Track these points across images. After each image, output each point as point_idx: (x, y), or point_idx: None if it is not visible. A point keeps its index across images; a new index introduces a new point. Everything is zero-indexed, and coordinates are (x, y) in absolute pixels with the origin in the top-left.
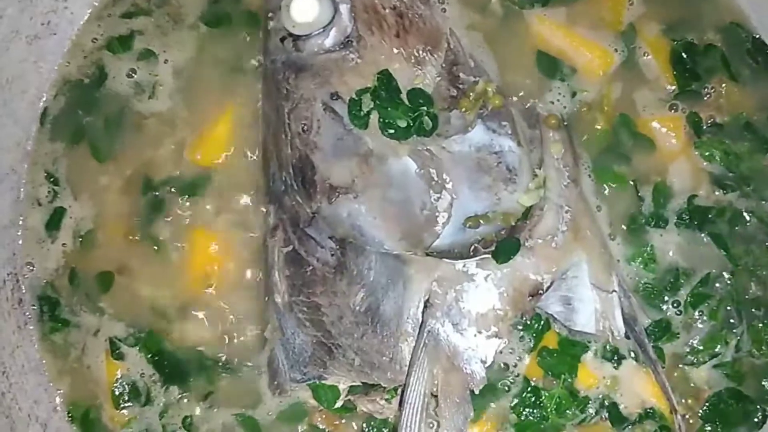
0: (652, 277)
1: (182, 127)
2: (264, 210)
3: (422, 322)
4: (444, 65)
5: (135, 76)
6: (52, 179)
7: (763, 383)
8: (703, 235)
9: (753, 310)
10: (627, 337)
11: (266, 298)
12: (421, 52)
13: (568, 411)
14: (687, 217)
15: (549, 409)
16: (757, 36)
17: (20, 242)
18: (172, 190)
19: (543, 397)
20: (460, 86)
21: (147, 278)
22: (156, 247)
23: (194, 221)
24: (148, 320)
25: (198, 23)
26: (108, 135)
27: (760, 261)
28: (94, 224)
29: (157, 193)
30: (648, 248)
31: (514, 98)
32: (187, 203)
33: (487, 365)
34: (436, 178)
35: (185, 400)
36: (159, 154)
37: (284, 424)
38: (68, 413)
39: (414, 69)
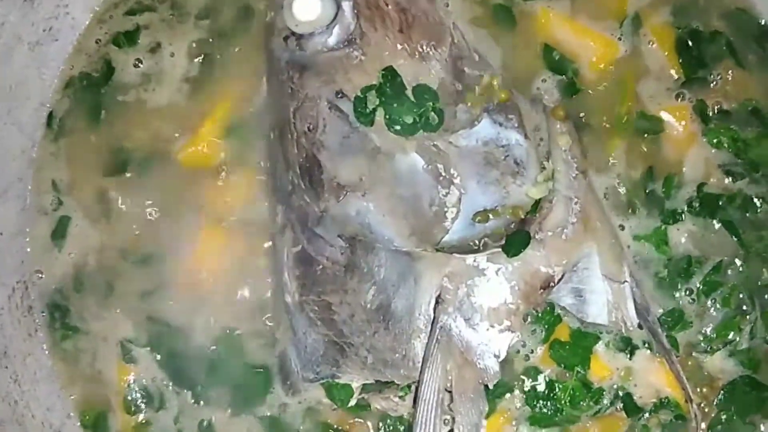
0: (664, 266)
1: (181, 124)
2: (271, 210)
3: (434, 318)
4: (448, 60)
5: (142, 66)
6: (56, 187)
7: None
8: (714, 222)
9: (766, 296)
10: (640, 327)
11: (276, 298)
12: (425, 47)
13: (582, 403)
14: (698, 205)
15: (563, 402)
16: (763, 22)
17: (28, 250)
18: (172, 189)
19: (556, 390)
20: (466, 80)
21: (155, 281)
22: (160, 251)
23: (199, 222)
24: (158, 323)
25: (199, 17)
26: (111, 128)
27: None
28: (99, 231)
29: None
30: (660, 236)
31: (520, 90)
32: (190, 204)
33: (500, 359)
34: (443, 174)
35: (199, 404)
36: (160, 151)
37: (298, 425)
38: (81, 420)
39: (419, 64)
